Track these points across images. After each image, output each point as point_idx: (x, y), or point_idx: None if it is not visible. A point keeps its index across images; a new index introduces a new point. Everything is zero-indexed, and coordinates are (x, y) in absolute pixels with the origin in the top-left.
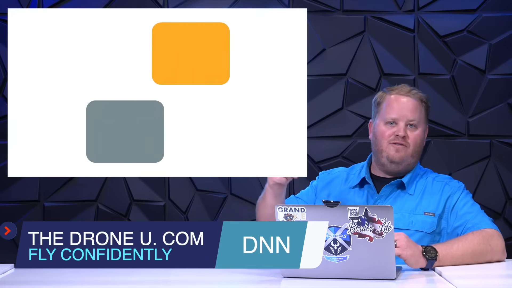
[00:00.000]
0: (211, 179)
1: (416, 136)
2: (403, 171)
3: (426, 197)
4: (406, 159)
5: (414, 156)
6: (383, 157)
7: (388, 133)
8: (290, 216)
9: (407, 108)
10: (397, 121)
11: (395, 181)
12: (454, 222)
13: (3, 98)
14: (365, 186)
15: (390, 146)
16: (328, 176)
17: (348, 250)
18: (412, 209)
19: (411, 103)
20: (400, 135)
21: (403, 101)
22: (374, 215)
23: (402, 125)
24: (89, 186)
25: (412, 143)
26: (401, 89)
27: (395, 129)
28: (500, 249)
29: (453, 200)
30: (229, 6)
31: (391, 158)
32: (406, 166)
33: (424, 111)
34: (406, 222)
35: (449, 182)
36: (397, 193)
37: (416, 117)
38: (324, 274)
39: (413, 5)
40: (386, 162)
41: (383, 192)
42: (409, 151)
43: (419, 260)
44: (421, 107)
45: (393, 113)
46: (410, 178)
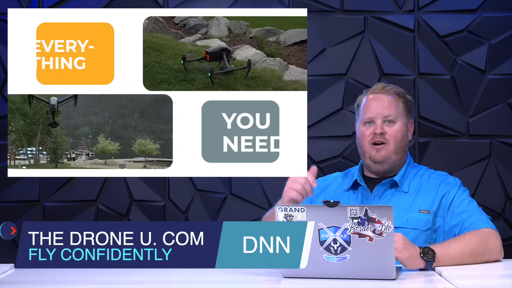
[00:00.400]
0: (211, 179)
1: (395, 132)
2: (389, 170)
3: (421, 195)
4: (389, 157)
5: (398, 152)
6: (367, 158)
7: (367, 133)
8: (290, 216)
9: (382, 105)
10: (373, 120)
11: (387, 180)
12: (451, 221)
13: (3, 98)
14: (358, 188)
15: (371, 147)
16: (323, 182)
17: (348, 250)
18: (407, 207)
19: (386, 100)
20: (377, 133)
21: (378, 99)
22: (374, 215)
23: (379, 123)
24: (89, 186)
25: (391, 139)
26: (375, 88)
27: (372, 128)
28: (498, 249)
29: (449, 197)
30: (229, 6)
31: (373, 158)
32: (391, 164)
33: (402, 105)
34: (401, 220)
35: (445, 179)
36: (391, 192)
37: (393, 112)
38: (324, 274)
39: (413, 5)
40: (370, 163)
41: (376, 192)
42: (390, 148)
43: (417, 262)
44: (398, 101)
45: (370, 113)
46: (402, 176)
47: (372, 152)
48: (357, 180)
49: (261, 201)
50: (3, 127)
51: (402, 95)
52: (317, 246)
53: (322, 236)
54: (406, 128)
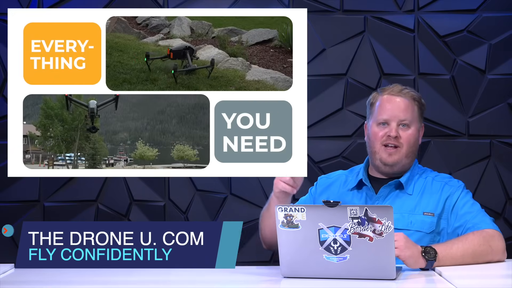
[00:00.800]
0: (211, 179)
1: (409, 136)
2: (398, 172)
3: (425, 197)
4: (400, 161)
5: (409, 156)
6: (377, 160)
7: (380, 134)
8: (290, 216)
9: (398, 108)
10: (389, 122)
11: (392, 182)
12: (454, 222)
13: (3, 98)
14: (363, 187)
15: (383, 149)
16: (327, 180)
17: (348, 250)
18: (411, 209)
19: (402, 103)
20: (392, 136)
21: (394, 101)
22: (374, 215)
23: (394, 126)
24: (89, 186)
25: (405, 143)
26: (392, 89)
27: (387, 129)
28: (501, 250)
29: (452, 200)
30: (229, 6)
31: (384, 161)
32: (401, 167)
33: (417, 110)
34: (405, 222)
35: (448, 181)
36: (396, 193)
37: (408, 117)
38: (324, 274)
39: (413, 5)
40: (380, 165)
41: (381, 193)
42: (403, 152)
43: (418, 260)
44: (414, 106)
45: (385, 114)
46: (408, 178)
47: (384, 155)
48: (362, 179)
49: (261, 201)
50: (3, 127)
51: (418, 99)
52: (317, 246)
53: (322, 236)
54: (418, 132)
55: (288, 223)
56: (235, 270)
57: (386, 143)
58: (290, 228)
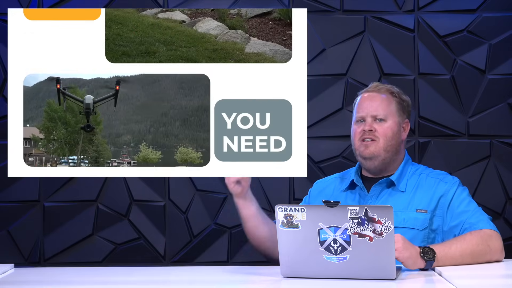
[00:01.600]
0: (211, 179)
1: (385, 129)
2: (380, 166)
3: (419, 194)
4: (378, 154)
5: (388, 149)
6: (358, 156)
7: (358, 130)
8: (290, 216)
9: (373, 103)
10: (364, 118)
11: (383, 180)
12: (450, 221)
13: (3, 98)
14: (356, 188)
15: (361, 144)
16: (322, 184)
17: (348, 250)
18: (404, 207)
19: (377, 98)
20: (366, 130)
21: (369, 98)
22: (374, 215)
23: (369, 121)
24: (89, 186)
25: (381, 136)
26: (369, 87)
27: (362, 125)
28: (499, 249)
29: (448, 197)
30: (229, 6)
31: (362, 154)
32: (381, 161)
33: (395, 104)
34: (398, 220)
35: (443, 178)
36: (388, 191)
37: (383, 111)
38: (324, 274)
39: (413, 5)
40: (361, 160)
41: (373, 192)
42: (380, 145)
43: (417, 261)
44: (390, 100)
45: (361, 111)
46: (399, 175)
47: (361, 148)
48: (354, 180)
49: (261, 201)
50: (3, 127)
51: (396, 94)
52: (317, 246)
53: (322, 236)
54: (399, 127)
55: (288, 223)
56: (235, 270)
57: (363, 138)
58: (290, 228)
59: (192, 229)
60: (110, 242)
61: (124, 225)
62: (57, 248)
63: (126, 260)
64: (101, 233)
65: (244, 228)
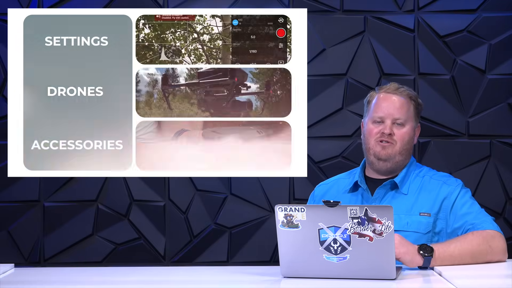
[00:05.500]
0: (211, 179)
1: (403, 134)
2: (392, 169)
3: (422, 197)
4: (394, 156)
5: (403, 153)
6: (371, 155)
7: (375, 131)
8: (290, 216)
9: (393, 106)
10: (383, 120)
11: (387, 182)
12: (453, 223)
13: (3, 98)
14: (359, 189)
15: (377, 144)
16: (325, 187)
17: (348, 250)
18: (407, 210)
19: (398, 101)
20: (386, 133)
21: (390, 100)
22: (374, 215)
23: (388, 123)
24: (89, 186)
25: (399, 140)
26: (389, 87)
27: (381, 127)
28: (501, 250)
29: (451, 200)
30: (229, 6)
31: (378, 155)
32: (394, 164)
33: (413, 109)
34: (401, 224)
35: (446, 180)
36: (391, 194)
37: (403, 115)
38: (324, 274)
39: (413, 5)
40: (374, 160)
41: (377, 195)
42: (396, 148)
43: (415, 257)
44: (409, 104)
45: (380, 112)
46: (403, 177)
47: (377, 148)
48: (357, 181)
49: (261, 201)
50: (3, 127)
51: (414, 98)
52: (317, 246)
53: (322, 236)
54: (414, 131)
55: (288, 223)
56: (235, 270)
57: (380, 140)
58: (290, 228)
59: (192, 229)
60: (110, 242)
61: (124, 225)
62: (57, 248)
63: (126, 260)
64: (101, 233)
65: None
